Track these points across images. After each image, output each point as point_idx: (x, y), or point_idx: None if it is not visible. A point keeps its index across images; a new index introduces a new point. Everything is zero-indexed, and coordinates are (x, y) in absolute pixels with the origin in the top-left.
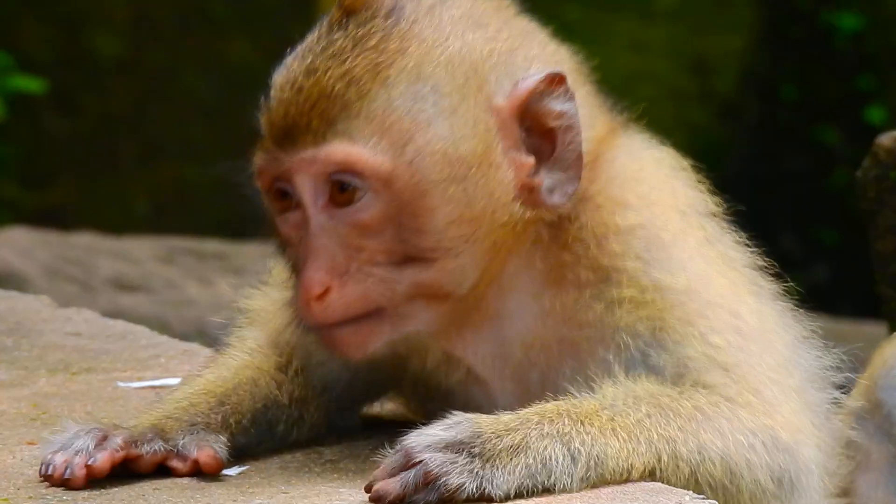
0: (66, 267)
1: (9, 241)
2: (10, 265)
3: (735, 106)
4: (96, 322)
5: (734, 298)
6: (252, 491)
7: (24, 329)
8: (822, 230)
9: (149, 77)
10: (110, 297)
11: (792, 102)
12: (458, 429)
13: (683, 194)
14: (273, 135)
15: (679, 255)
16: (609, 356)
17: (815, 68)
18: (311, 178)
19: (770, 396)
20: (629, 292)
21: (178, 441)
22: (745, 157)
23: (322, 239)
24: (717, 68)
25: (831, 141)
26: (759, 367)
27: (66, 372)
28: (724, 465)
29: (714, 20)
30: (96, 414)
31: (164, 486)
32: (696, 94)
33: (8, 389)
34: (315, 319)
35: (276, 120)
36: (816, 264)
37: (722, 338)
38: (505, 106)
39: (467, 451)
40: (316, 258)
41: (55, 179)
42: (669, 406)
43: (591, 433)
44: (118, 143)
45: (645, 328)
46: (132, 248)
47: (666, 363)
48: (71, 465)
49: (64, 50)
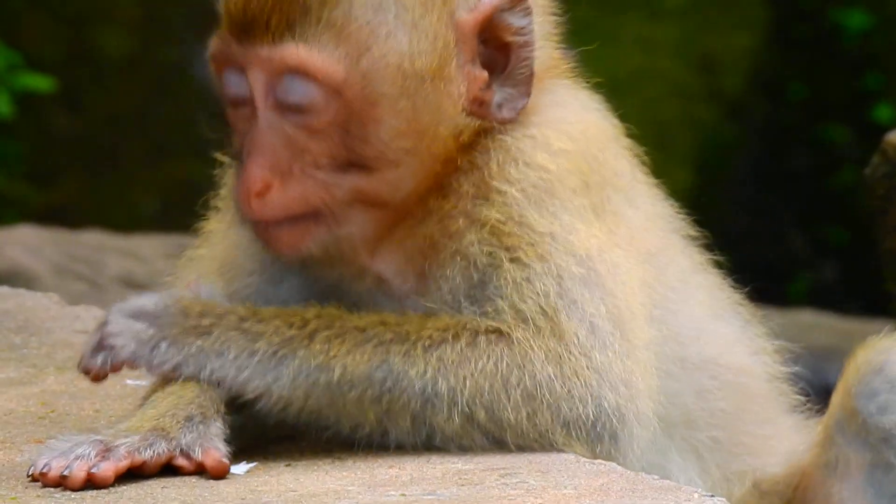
0: (75, 265)
1: (17, 238)
2: (18, 263)
3: (742, 104)
4: None
5: (597, 254)
6: (261, 489)
7: (33, 327)
8: (829, 229)
9: (156, 75)
10: (118, 294)
11: (799, 101)
12: (159, 301)
13: (601, 152)
14: (231, 26)
15: (561, 205)
16: (454, 272)
17: (822, 67)
18: (263, 75)
19: (582, 344)
20: (495, 216)
21: (181, 439)
22: (753, 155)
23: (268, 136)
24: (725, 67)
25: (839, 139)
26: (580, 314)
27: (75, 370)
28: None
29: (721, 19)
30: (105, 412)
31: (172, 483)
32: (703, 92)
33: (17, 387)
34: (254, 215)
35: (235, 13)
36: (824, 263)
37: (553, 283)
38: (468, 20)
39: (151, 321)
40: (260, 155)
41: (62, 177)
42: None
43: (305, 344)
44: (125, 142)
45: (487, 256)
46: (140, 246)
47: (491, 296)
48: (70, 468)
49: (71, 48)
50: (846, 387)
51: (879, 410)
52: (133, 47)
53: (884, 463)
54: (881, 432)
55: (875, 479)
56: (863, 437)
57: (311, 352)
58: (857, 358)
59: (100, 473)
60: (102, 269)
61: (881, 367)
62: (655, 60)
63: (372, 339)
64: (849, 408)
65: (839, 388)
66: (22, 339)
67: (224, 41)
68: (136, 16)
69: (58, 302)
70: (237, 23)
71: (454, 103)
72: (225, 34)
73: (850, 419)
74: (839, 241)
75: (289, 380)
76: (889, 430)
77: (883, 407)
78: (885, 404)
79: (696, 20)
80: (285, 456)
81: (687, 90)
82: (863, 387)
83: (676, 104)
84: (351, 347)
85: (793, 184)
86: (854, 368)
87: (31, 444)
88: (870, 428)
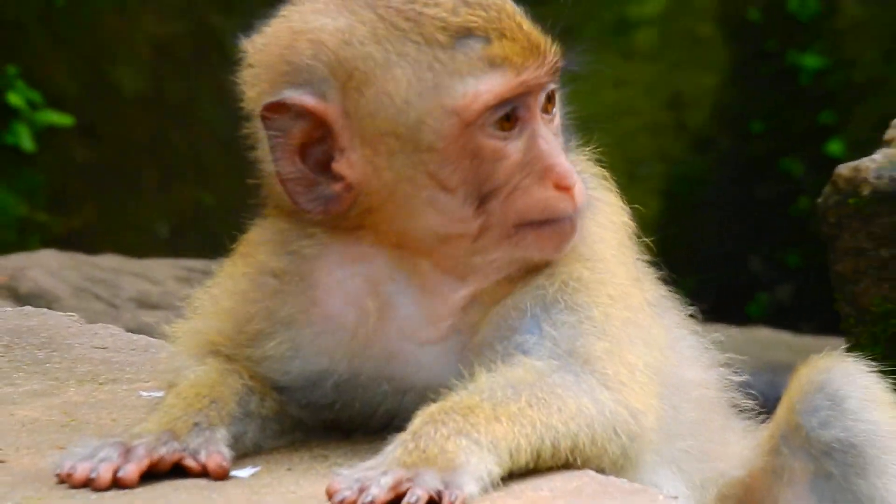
0: (93, 286)
1: (39, 262)
2: (40, 285)
3: (708, 138)
4: (121, 337)
5: (631, 292)
6: (264, 491)
7: (55, 343)
8: (786, 253)
9: (168, 109)
10: (133, 314)
11: (760, 135)
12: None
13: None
14: (523, 55)
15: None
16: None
17: (781, 104)
18: (544, 89)
19: (624, 376)
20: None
21: (190, 442)
22: (717, 185)
23: (552, 140)
24: (692, 104)
25: (795, 171)
26: (623, 353)
27: (94, 382)
28: (594, 439)
29: (688, 60)
30: (121, 421)
31: (183, 486)
32: (672, 127)
33: (40, 398)
34: (573, 205)
35: (517, 39)
36: (781, 284)
37: (621, 328)
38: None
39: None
40: (559, 153)
41: (81, 205)
42: (544, 395)
43: (476, 423)
44: (140, 171)
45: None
46: (153, 269)
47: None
48: (97, 470)
49: (89, 84)
50: (790, 403)
51: (821, 425)
52: (145, 84)
53: (825, 473)
54: (823, 445)
55: (818, 488)
56: (806, 450)
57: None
58: (799, 376)
59: (126, 476)
60: (119, 291)
61: (822, 386)
62: (629, 98)
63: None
64: (793, 423)
65: (784, 404)
66: (45, 354)
67: (519, 71)
68: (148, 56)
69: (78, 321)
70: (526, 48)
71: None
72: (516, 62)
73: (795, 433)
74: (795, 264)
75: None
76: (829, 443)
77: (824, 422)
78: (826, 420)
79: (666, 62)
80: (286, 461)
81: (657, 125)
82: (805, 403)
83: (648, 138)
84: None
85: (753, 212)
86: (797, 386)
87: (54, 449)
88: (812, 441)
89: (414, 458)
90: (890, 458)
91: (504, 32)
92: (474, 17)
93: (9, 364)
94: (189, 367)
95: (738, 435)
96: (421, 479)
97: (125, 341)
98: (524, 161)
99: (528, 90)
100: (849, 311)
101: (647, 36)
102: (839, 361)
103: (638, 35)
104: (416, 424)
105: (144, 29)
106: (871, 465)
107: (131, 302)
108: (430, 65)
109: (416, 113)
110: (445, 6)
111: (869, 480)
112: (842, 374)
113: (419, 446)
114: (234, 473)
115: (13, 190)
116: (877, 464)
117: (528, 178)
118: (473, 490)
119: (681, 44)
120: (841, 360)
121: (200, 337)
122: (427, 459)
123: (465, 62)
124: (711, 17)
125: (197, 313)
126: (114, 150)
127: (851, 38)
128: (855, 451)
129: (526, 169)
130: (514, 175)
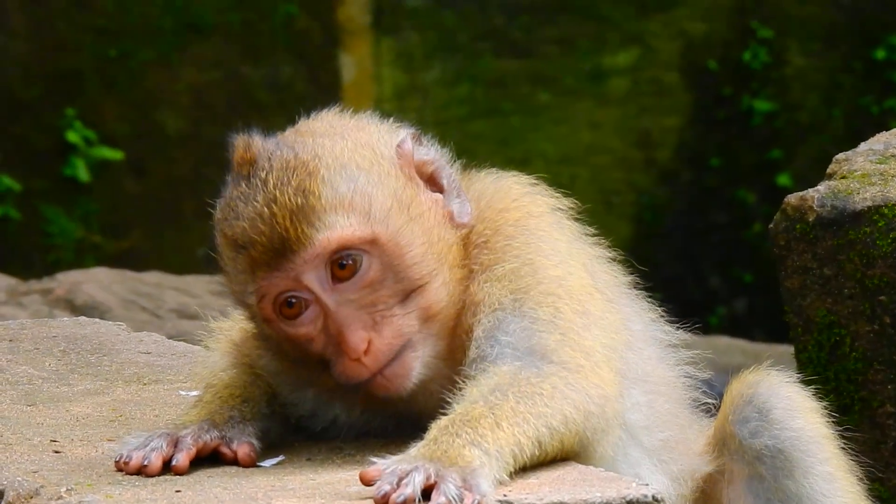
0: (139, 299)
1: (92, 278)
2: (93, 298)
3: (672, 172)
4: (163, 343)
5: (588, 287)
6: (287, 478)
7: (105, 349)
8: (742, 271)
9: (205, 148)
10: (174, 323)
11: (717, 169)
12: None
13: (543, 200)
14: (265, 261)
15: (553, 244)
16: (475, 322)
17: (736, 142)
18: (315, 271)
19: (595, 362)
20: (511, 265)
21: (226, 432)
22: (680, 212)
23: (344, 310)
24: (658, 142)
25: (749, 200)
26: (592, 341)
27: (139, 383)
28: (576, 407)
29: (655, 104)
30: (163, 416)
31: (216, 473)
32: (641, 162)
33: (92, 396)
34: (369, 370)
35: (262, 248)
36: (737, 299)
37: (571, 319)
38: (402, 164)
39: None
40: (349, 324)
41: (130, 229)
42: (531, 390)
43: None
44: (180, 201)
45: (510, 299)
46: (192, 284)
47: (522, 335)
48: (148, 458)
49: (137, 125)
50: (725, 414)
51: (751, 435)
52: (187, 126)
53: (758, 475)
54: (754, 452)
55: (753, 488)
56: (740, 455)
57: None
58: (732, 389)
59: (178, 465)
60: (162, 303)
61: (751, 399)
62: (602, 138)
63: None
64: (728, 431)
65: (720, 414)
66: (96, 358)
67: (264, 277)
68: (188, 101)
69: (125, 329)
70: (269, 253)
71: (438, 219)
72: (262, 272)
73: (730, 440)
74: (749, 281)
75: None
76: (760, 450)
77: (754, 432)
78: (756, 430)
79: (635, 106)
80: (306, 452)
81: (628, 161)
82: (737, 415)
83: (620, 172)
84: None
85: (712, 236)
86: (730, 398)
87: (104, 441)
88: (745, 448)
89: (438, 455)
90: (814, 461)
91: (248, 239)
92: (238, 229)
93: (65, 367)
94: (224, 370)
95: (699, 433)
96: (447, 476)
97: (167, 347)
98: (327, 335)
99: (280, 290)
100: (797, 322)
101: (620, 84)
102: (765, 376)
103: (611, 83)
104: (433, 434)
105: (184, 78)
106: (797, 468)
107: (172, 313)
108: (235, 267)
109: (251, 304)
110: (235, 225)
111: (797, 481)
112: (767, 387)
113: (440, 448)
114: (260, 463)
115: (71, 216)
116: (802, 466)
117: (333, 348)
118: (488, 491)
119: (649, 90)
120: (767, 374)
121: (233, 346)
122: (450, 459)
123: (243, 266)
124: (676, 67)
125: (231, 320)
126: (158, 183)
127: (797, 85)
128: (782, 455)
129: (331, 340)
130: (327, 348)
